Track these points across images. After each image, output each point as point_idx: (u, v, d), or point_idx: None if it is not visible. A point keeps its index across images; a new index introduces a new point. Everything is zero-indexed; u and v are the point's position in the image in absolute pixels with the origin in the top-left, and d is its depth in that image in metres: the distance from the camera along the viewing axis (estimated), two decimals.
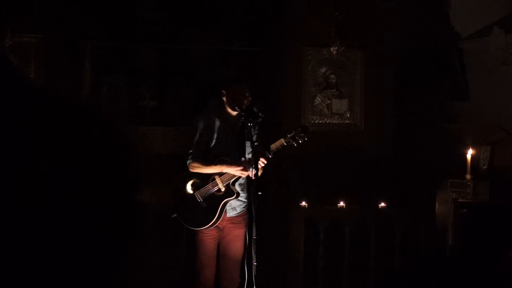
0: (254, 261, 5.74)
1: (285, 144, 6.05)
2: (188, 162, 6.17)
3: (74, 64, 8.28)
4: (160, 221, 6.40)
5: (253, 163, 5.75)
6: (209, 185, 6.11)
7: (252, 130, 5.96)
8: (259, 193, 5.78)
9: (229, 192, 6.12)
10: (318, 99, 8.49)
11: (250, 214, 5.82)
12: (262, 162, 5.91)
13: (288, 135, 6.07)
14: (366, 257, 7.55)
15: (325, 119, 8.51)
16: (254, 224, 5.73)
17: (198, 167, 6.14)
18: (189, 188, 6.15)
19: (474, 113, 8.29)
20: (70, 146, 1.03)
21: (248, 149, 6.08)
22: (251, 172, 5.78)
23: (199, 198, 6.12)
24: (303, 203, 7.60)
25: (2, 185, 0.96)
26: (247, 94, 6.10)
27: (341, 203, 7.63)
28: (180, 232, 6.41)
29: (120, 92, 8.80)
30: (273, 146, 6.02)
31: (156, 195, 6.59)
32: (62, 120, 1.05)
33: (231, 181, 6.10)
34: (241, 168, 5.99)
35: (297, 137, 6.06)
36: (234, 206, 6.21)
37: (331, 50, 8.38)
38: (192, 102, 8.84)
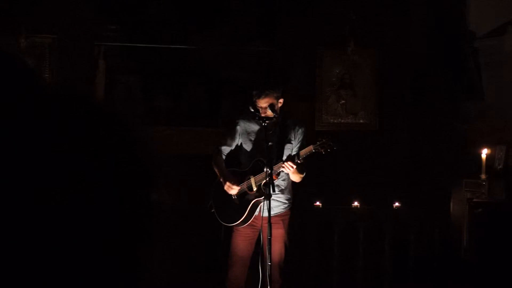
0: (268, 261, 5.74)
1: (314, 151, 6.08)
2: (213, 153, 6.33)
3: (89, 65, 8.30)
4: (176, 221, 6.42)
5: (269, 164, 5.79)
6: (245, 183, 6.16)
7: (266, 130, 5.96)
8: (273, 193, 5.81)
9: (260, 192, 6.14)
10: (332, 99, 8.48)
11: (269, 215, 5.82)
12: (291, 166, 5.96)
13: (318, 143, 6.10)
14: (381, 257, 7.54)
15: (340, 119, 8.50)
16: (268, 224, 5.73)
17: (214, 164, 6.28)
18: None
19: (489, 112, 8.25)
20: (84, 147, 1.03)
21: (287, 151, 6.15)
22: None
23: (234, 195, 6.20)
24: (317, 203, 7.60)
25: (15, 186, 0.97)
26: (264, 102, 6.08)
27: (356, 203, 7.63)
28: (218, 229, 6.44)
29: (134, 92, 8.82)
30: (303, 152, 6.08)
31: (171, 196, 6.60)
32: (76, 121, 1.05)
33: (263, 182, 6.11)
34: (228, 185, 6.06)
35: (325, 145, 6.09)
36: (272, 207, 6.16)
37: (346, 50, 8.36)
38: (206, 103, 8.86)
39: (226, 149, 6.29)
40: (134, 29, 8.60)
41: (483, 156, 7.41)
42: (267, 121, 5.93)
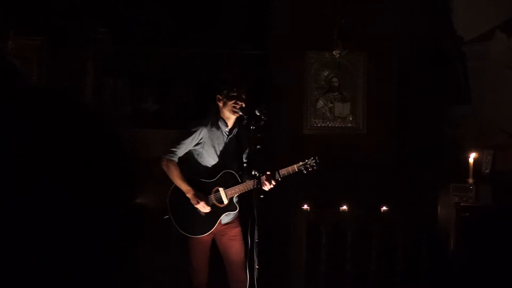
0: (256, 264, 5.73)
1: (297, 170, 6.11)
2: (166, 157, 6.11)
3: (77, 67, 8.28)
4: (161, 224, 6.39)
5: (258, 168, 5.77)
6: (212, 196, 6.08)
7: (254, 134, 5.92)
8: (261, 196, 5.79)
9: (232, 206, 6.11)
10: (320, 103, 8.50)
11: (252, 218, 5.80)
12: (272, 184, 5.96)
13: (301, 163, 6.12)
14: (368, 261, 7.55)
15: (328, 122, 8.51)
16: (256, 227, 5.72)
17: (171, 171, 6.08)
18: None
19: (476, 117, 8.29)
20: (72, 149, 1.03)
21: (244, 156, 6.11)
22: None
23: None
24: (305, 207, 7.59)
25: (1, 185, 0.97)
26: (243, 96, 6.09)
27: (343, 207, 7.63)
28: (171, 234, 6.41)
29: (123, 95, 8.80)
30: (284, 171, 6.04)
31: (157, 198, 6.58)
32: (64, 123, 1.05)
33: (235, 195, 6.09)
34: (196, 201, 5.99)
35: (307, 166, 6.11)
36: (230, 212, 6.19)
37: (334, 53, 8.38)
38: (194, 106, 8.85)
39: (181, 154, 6.14)
40: (123, 32, 8.59)
41: (471, 160, 7.43)
42: (254, 125, 5.88)
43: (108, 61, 8.65)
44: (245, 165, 6.13)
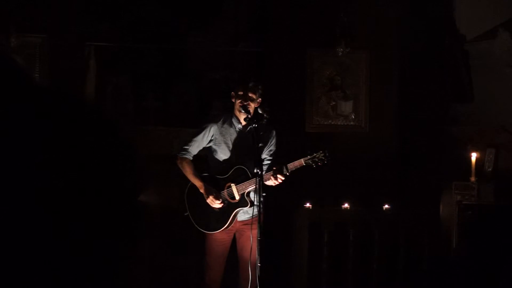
0: (258, 262, 5.73)
1: (304, 164, 5.99)
2: (179, 154, 6.16)
3: (79, 64, 8.28)
4: (163, 221, 6.39)
5: (258, 166, 5.74)
6: (224, 192, 6.09)
7: (256, 132, 5.90)
8: (263, 194, 5.77)
9: (244, 201, 6.11)
10: (323, 101, 8.49)
11: (259, 217, 5.79)
12: (279, 179, 5.91)
13: (309, 156, 5.99)
14: (370, 259, 7.54)
15: (330, 120, 8.50)
16: (258, 225, 5.71)
17: (185, 168, 6.13)
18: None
19: (478, 115, 8.27)
20: (74, 146, 1.02)
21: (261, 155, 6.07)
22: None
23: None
24: (307, 205, 7.59)
25: (3, 184, 0.96)
26: (251, 95, 6.06)
27: (345, 205, 7.63)
28: (188, 231, 6.40)
29: (124, 92, 8.80)
30: (292, 165, 5.96)
31: (159, 195, 6.58)
32: (66, 120, 1.04)
33: (246, 191, 6.09)
34: (212, 199, 5.99)
35: (316, 159, 5.99)
36: (247, 210, 6.18)
37: (336, 51, 8.37)
38: (195, 103, 8.84)
39: (194, 151, 6.17)
40: (125, 29, 8.59)
41: (473, 158, 7.42)
42: (256, 123, 5.87)
43: (109, 59, 8.65)
44: (268, 162, 6.10)
